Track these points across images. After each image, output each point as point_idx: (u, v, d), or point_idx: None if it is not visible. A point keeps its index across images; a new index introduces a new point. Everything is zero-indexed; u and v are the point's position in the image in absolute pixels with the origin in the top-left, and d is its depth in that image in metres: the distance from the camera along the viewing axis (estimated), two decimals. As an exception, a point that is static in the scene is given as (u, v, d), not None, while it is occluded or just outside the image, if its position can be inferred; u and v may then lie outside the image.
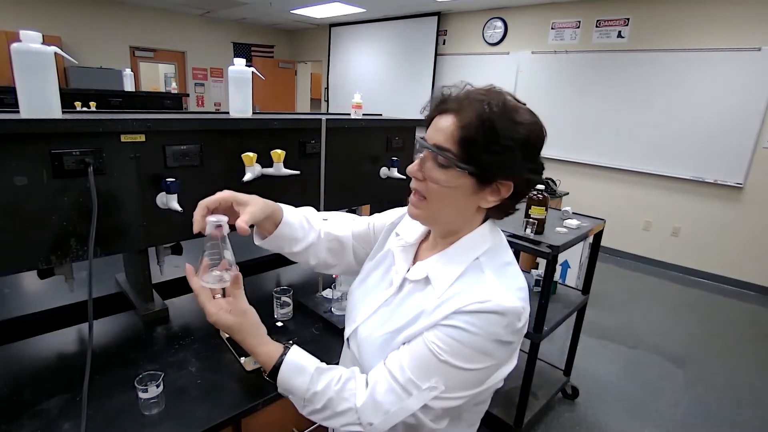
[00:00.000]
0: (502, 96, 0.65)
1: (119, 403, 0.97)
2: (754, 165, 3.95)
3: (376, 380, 0.67)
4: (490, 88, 0.67)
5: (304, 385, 0.68)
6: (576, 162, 5.01)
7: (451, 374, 0.62)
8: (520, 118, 0.64)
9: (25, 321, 1.29)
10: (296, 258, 0.90)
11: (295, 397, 0.70)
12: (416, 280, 0.73)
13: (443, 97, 0.68)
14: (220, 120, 1.30)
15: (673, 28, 4.21)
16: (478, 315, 0.61)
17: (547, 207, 1.97)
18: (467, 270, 0.69)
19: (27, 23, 5.51)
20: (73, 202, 1.04)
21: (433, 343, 0.63)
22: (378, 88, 6.96)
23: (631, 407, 2.38)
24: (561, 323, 2.07)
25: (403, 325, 0.69)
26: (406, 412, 0.64)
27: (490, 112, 0.62)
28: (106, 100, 3.63)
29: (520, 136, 0.63)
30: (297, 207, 0.92)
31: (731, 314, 3.66)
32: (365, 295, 0.82)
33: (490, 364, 0.63)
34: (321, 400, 0.68)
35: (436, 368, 0.62)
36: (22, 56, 0.93)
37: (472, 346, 0.61)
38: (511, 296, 0.64)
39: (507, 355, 0.65)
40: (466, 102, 0.64)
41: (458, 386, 0.63)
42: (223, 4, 6.33)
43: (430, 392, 0.63)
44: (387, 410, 0.64)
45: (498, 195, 0.67)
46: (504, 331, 0.62)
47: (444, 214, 0.70)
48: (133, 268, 1.39)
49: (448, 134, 0.64)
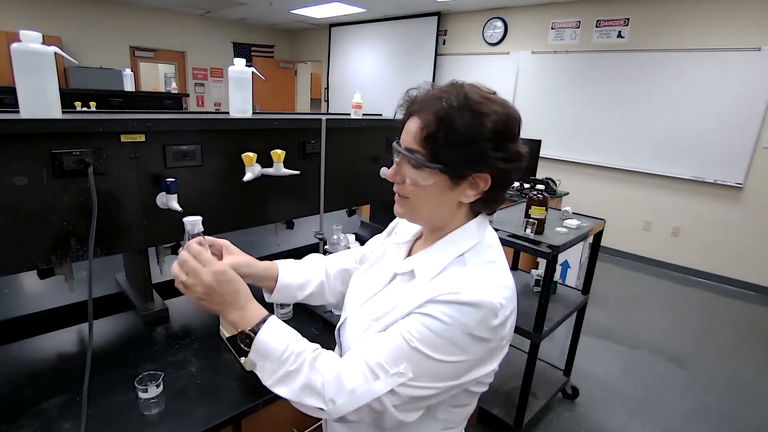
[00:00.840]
0: (463, 89, 0.65)
1: (119, 403, 0.97)
2: (754, 165, 3.95)
3: (347, 360, 0.67)
4: (452, 83, 0.67)
5: (283, 346, 0.67)
6: (576, 162, 5.01)
7: (421, 362, 0.61)
8: (484, 108, 0.63)
9: (25, 321, 1.29)
10: (314, 301, 0.95)
11: (270, 360, 0.67)
12: (403, 273, 0.75)
13: (408, 99, 0.70)
14: (220, 120, 1.30)
15: (673, 28, 4.21)
16: (451, 305, 0.61)
17: (547, 207, 1.97)
18: (450, 264, 0.69)
19: (27, 23, 5.51)
20: (73, 202, 1.04)
21: (406, 330, 0.63)
22: (378, 88, 6.96)
23: (631, 407, 2.38)
24: (561, 323, 2.07)
25: (383, 313, 0.70)
26: (372, 395, 0.62)
27: (448, 108, 0.63)
28: (106, 100, 3.63)
29: (484, 127, 0.63)
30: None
31: (731, 314, 3.66)
32: (359, 288, 0.84)
33: (462, 359, 0.62)
34: (296, 361, 0.67)
35: (406, 354, 0.62)
36: (22, 56, 0.93)
37: (443, 335, 0.61)
38: (488, 291, 0.63)
39: (482, 354, 0.64)
40: (426, 102, 0.66)
41: (427, 376, 0.62)
42: (223, 4, 6.33)
43: (398, 378, 0.62)
44: (352, 390, 0.63)
45: (477, 188, 0.67)
46: (477, 325, 0.61)
47: (425, 212, 0.71)
48: (133, 268, 1.39)
49: (414, 136, 0.66)
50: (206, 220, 0.77)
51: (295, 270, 0.92)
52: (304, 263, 0.95)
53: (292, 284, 0.90)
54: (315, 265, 0.96)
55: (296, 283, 0.91)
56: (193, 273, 0.70)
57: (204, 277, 0.70)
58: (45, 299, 1.36)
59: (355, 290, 0.85)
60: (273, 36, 8.43)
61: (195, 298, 0.72)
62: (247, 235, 2.07)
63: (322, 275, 0.95)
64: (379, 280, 0.79)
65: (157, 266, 1.38)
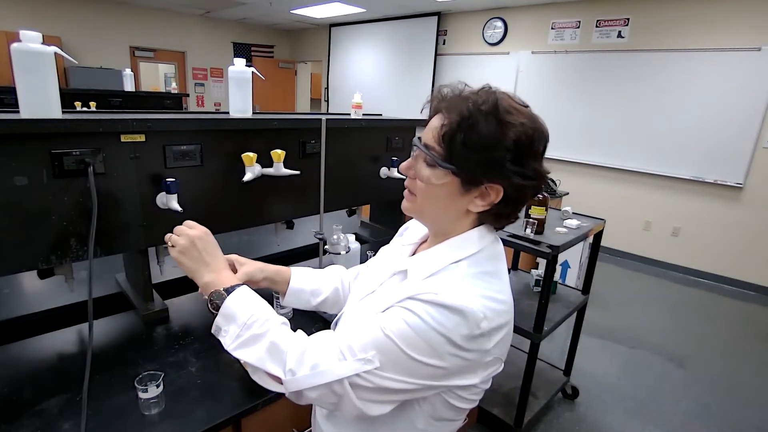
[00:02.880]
0: (494, 96, 0.63)
1: (119, 403, 0.97)
2: (754, 165, 3.95)
3: (317, 336, 0.67)
4: (484, 88, 0.66)
5: (251, 310, 0.68)
6: (576, 162, 5.01)
7: (391, 354, 0.60)
8: (510, 119, 0.61)
9: (25, 321, 1.29)
10: (329, 308, 0.96)
11: (236, 323, 0.68)
12: (399, 272, 0.75)
13: (438, 96, 0.69)
14: (220, 120, 1.30)
15: (673, 28, 4.21)
16: (430, 305, 0.60)
17: (547, 207, 1.96)
18: (445, 268, 0.67)
19: (27, 23, 5.51)
20: (73, 202, 1.04)
21: (383, 319, 0.62)
22: (378, 88, 6.96)
23: (631, 407, 2.38)
24: (561, 323, 2.07)
25: (375, 311, 0.69)
26: (334, 376, 0.61)
27: (475, 111, 0.61)
28: (106, 100, 3.63)
29: (506, 137, 0.61)
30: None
31: (731, 314, 3.66)
32: (360, 287, 0.85)
33: (435, 363, 0.60)
34: (264, 325, 0.67)
35: (378, 343, 0.61)
36: (22, 56, 0.93)
37: (419, 332, 0.59)
38: (469, 298, 0.61)
39: (458, 363, 0.61)
40: (455, 101, 0.65)
41: (395, 368, 0.60)
42: (223, 4, 6.33)
43: (364, 364, 0.60)
44: (315, 365, 0.62)
45: (487, 199, 0.65)
46: (455, 330, 0.59)
47: (430, 212, 0.71)
48: (133, 268, 1.39)
49: (435, 133, 0.65)
50: (206, 220, 0.78)
51: (307, 276, 0.94)
52: (320, 271, 0.97)
53: (305, 289, 0.92)
54: (331, 274, 0.98)
55: (309, 289, 0.92)
56: (179, 231, 0.79)
57: (189, 232, 0.77)
58: (45, 299, 1.36)
59: (357, 287, 0.86)
60: (273, 36, 8.43)
61: (177, 253, 0.77)
62: (247, 235, 2.08)
63: (337, 283, 0.96)
64: (378, 277, 0.80)
65: (157, 266, 1.38)
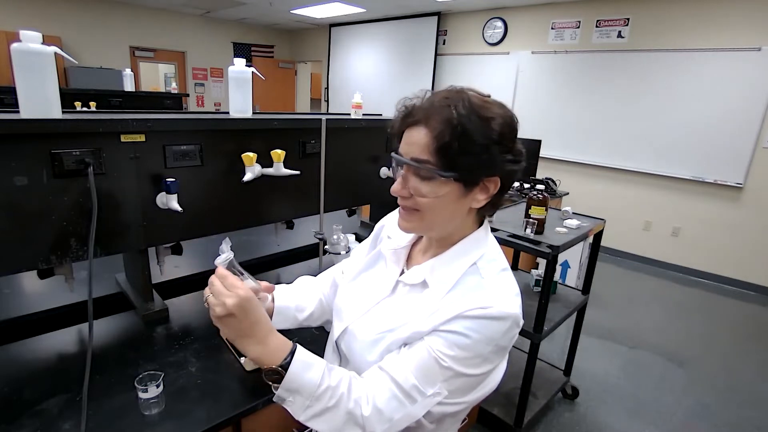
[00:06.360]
0: (465, 95, 0.65)
1: (119, 403, 0.97)
2: (754, 165, 3.95)
3: (377, 387, 0.65)
4: (451, 89, 0.67)
5: (316, 380, 0.63)
6: (576, 162, 5.01)
7: (454, 380, 0.63)
8: (489, 113, 0.64)
9: (25, 321, 1.29)
10: (315, 322, 0.95)
11: (302, 395, 0.64)
12: (413, 284, 0.73)
13: (408, 109, 0.67)
14: (220, 120, 1.30)
15: (673, 28, 4.21)
16: (480, 321, 0.62)
17: (547, 207, 1.96)
18: (465, 274, 0.69)
19: (27, 23, 5.51)
20: (73, 202, 1.04)
21: (437, 350, 0.62)
22: (378, 88, 6.96)
23: (631, 407, 2.38)
24: (561, 323, 2.07)
25: (399, 326, 0.69)
26: (411, 419, 0.63)
27: (458, 116, 0.62)
28: (106, 100, 3.63)
29: (494, 132, 0.63)
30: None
31: (731, 314, 3.66)
32: (356, 295, 0.81)
33: (489, 369, 0.65)
34: (334, 396, 0.63)
35: (439, 374, 0.62)
36: (22, 56, 0.93)
37: (474, 351, 0.62)
38: (512, 303, 0.65)
39: (501, 359, 0.68)
40: (431, 110, 0.64)
41: (460, 392, 0.64)
42: (223, 4, 6.33)
43: (434, 398, 0.62)
44: (391, 418, 0.63)
45: (487, 192, 0.67)
46: (502, 337, 0.63)
47: (439, 223, 0.70)
48: (133, 268, 1.39)
49: (423, 146, 0.64)
50: (206, 220, 0.77)
51: (288, 293, 0.92)
52: (296, 286, 0.96)
53: (290, 306, 0.90)
54: (307, 286, 0.96)
55: (293, 305, 0.90)
56: (218, 293, 0.67)
57: (227, 300, 0.65)
58: (45, 299, 1.36)
59: (350, 299, 0.82)
60: (273, 36, 8.42)
61: (215, 319, 0.68)
62: (247, 235, 2.08)
63: (319, 293, 0.95)
64: (380, 288, 0.78)
65: (157, 266, 1.39)
